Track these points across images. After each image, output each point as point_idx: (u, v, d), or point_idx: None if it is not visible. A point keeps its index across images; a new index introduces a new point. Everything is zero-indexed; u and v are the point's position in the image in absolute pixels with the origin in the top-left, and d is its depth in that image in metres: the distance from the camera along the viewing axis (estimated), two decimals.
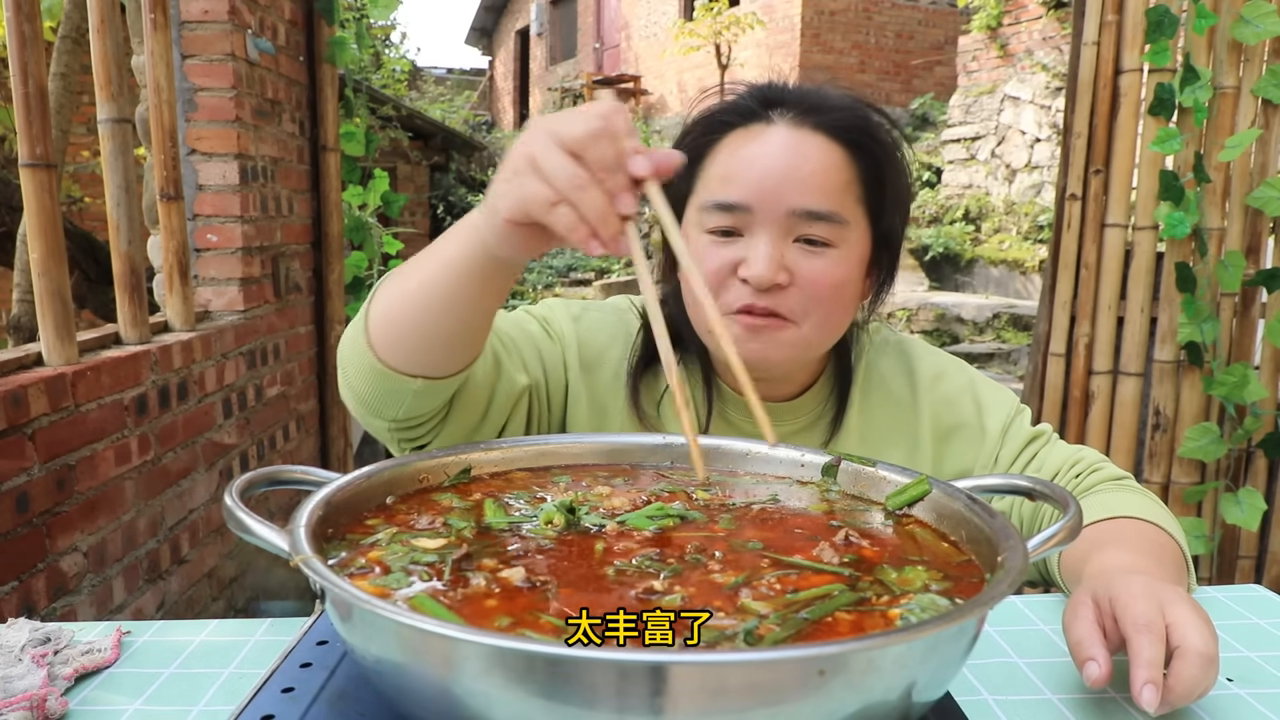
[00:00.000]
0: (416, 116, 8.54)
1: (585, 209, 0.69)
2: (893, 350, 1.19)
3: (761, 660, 0.51)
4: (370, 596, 0.56)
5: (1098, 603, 0.78)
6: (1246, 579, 2.58)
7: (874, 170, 1.03)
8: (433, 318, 0.87)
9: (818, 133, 1.00)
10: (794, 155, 0.99)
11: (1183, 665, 0.70)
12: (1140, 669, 0.70)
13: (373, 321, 0.91)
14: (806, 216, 0.98)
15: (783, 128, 1.01)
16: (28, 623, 0.87)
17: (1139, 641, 0.72)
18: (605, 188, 0.69)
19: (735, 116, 1.04)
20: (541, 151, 0.70)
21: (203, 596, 2.62)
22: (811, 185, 0.98)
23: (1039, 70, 8.90)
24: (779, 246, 0.98)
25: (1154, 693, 0.69)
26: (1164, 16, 2.42)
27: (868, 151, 1.02)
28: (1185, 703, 0.71)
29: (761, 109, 1.03)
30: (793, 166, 0.98)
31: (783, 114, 1.02)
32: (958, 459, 1.14)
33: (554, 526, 0.76)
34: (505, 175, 0.73)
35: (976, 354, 7.10)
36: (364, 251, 3.62)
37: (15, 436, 1.74)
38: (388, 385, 0.91)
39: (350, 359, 0.94)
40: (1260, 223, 2.44)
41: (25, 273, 2.51)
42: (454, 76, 19.31)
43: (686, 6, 14.02)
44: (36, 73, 1.87)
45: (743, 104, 1.04)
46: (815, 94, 1.04)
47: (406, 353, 0.89)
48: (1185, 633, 0.72)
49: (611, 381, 1.13)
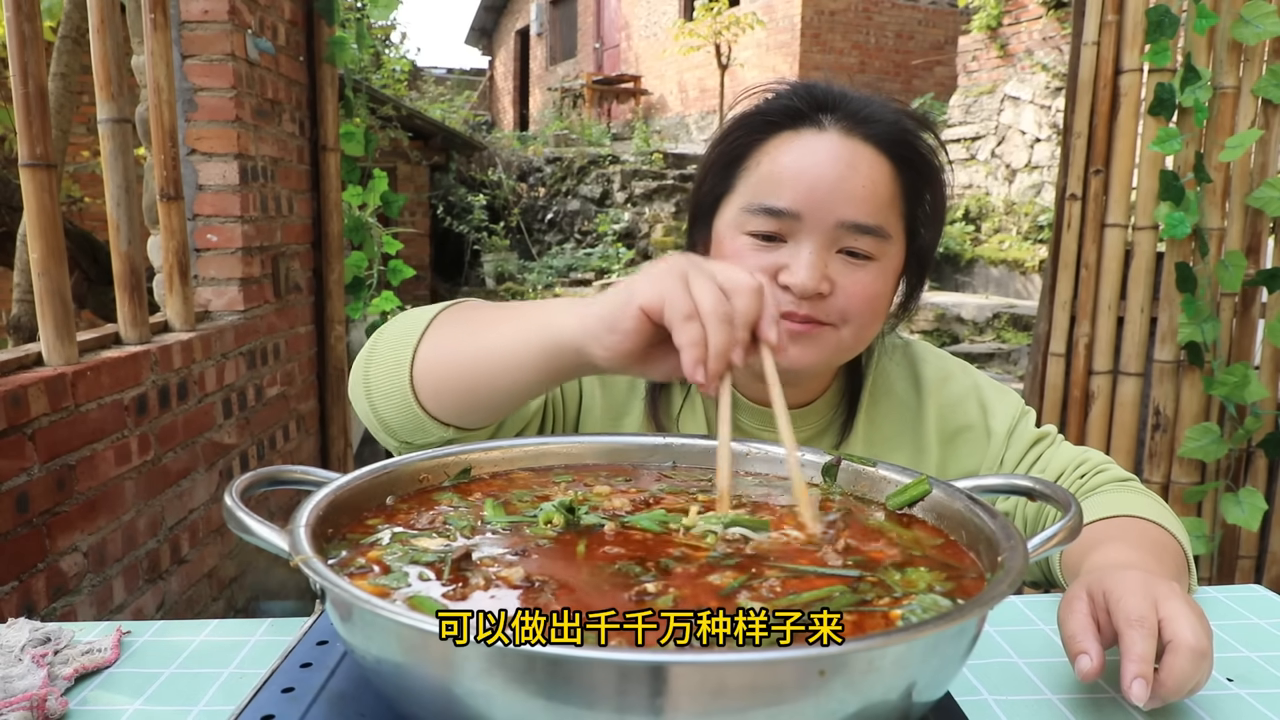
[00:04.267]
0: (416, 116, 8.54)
1: (713, 336, 0.71)
2: (899, 354, 1.19)
3: (761, 660, 0.51)
4: (370, 596, 0.56)
5: (1092, 597, 0.78)
6: (1246, 579, 2.58)
7: (918, 185, 1.03)
8: (489, 382, 0.87)
9: (868, 144, 1.00)
10: (845, 167, 0.98)
11: (1174, 660, 0.71)
12: (1131, 663, 0.70)
13: (422, 367, 0.89)
14: (853, 229, 0.98)
15: (835, 135, 0.99)
16: (28, 623, 0.87)
17: (1130, 636, 0.72)
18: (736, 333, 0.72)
19: (784, 118, 1.02)
20: (697, 276, 0.73)
21: (203, 596, 2.62)
22: (861, 198, 0.98)
23: (1039, 70, 8.90)
24: (823, 256, 0.98)
25: (1143, 687, 0.69)
26: (1164, 16, 2.42)
27: (914, 167, 1.03)
28: (1176, 698, 0.71)
29: (812, 112, 1.01)
30: (844, 178, 0.97)
31: (834, 120, 1.00)
32: (963, 461, 1.14)
33: (554, 526, 0.76)
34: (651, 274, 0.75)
35: (976, 354, 7.09)
36: (364, 251, 3.62)
37: (15, 436, 1.74)
38: (419, 424, 0.91)
39: (384, 390, 0.92)
40: (1260, 223, 2.44)
41: (25, 273, 2.50)
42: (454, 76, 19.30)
43: (686, 6, 14.02)
44: (36, 73, 1.87)
45: (792, 105, 1.02)
46: (865, 102, 1.02)
47: (449, 406, 0.89)
48: (1177, 628, 0.72)
49: (627, 392, 1.13)
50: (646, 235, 10.31)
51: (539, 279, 9.62)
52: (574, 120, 14.08)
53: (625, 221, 10.46)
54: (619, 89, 15.21)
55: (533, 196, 10.99)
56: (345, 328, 3.63)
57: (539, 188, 11.13)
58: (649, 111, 15.08)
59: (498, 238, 10.11)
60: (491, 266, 9.81)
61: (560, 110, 15.03)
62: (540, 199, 11.02)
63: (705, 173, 1.07)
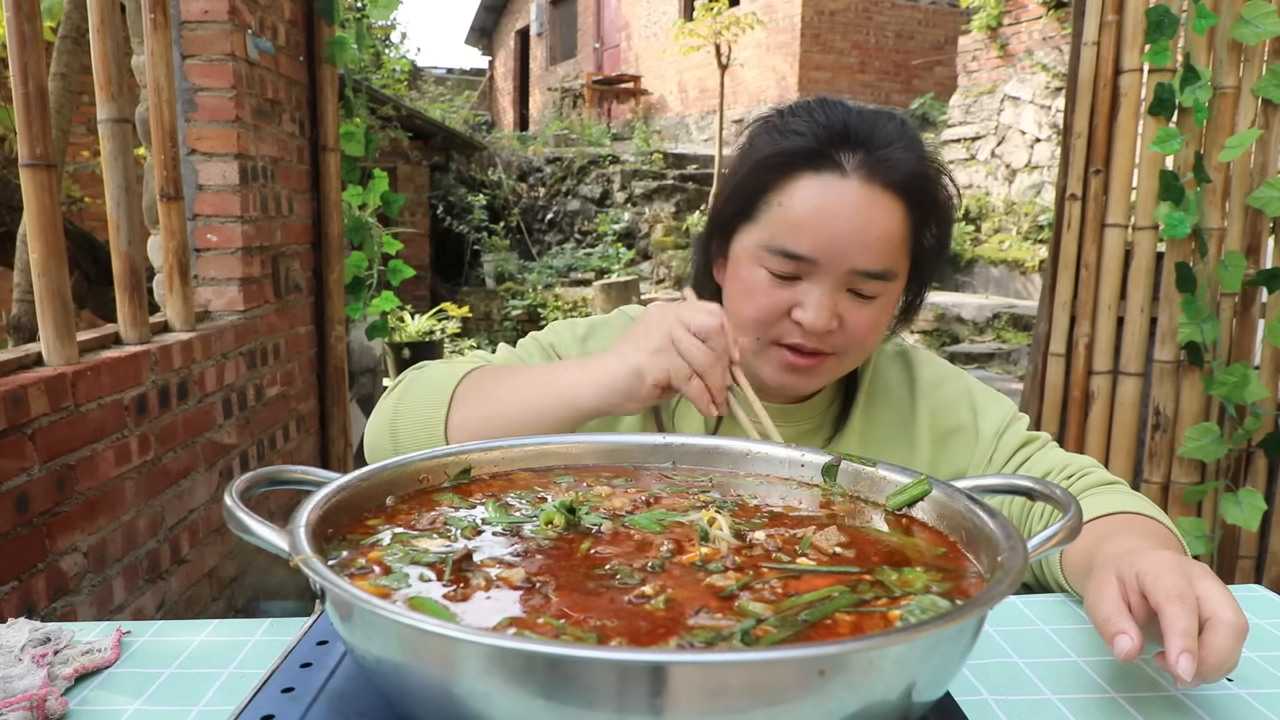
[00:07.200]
0: (416, 116, 8.55)
1: (711, 381, 0.96)
2: (897, 357, 1.24)
3: (761, 660, 0.51)
4: (370, 596, 0.56)
5: (1122, 579, 0.77)
6: (1246, 579, 2.58)
7: (926, 219, 1.08)
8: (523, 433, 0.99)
9: (887, 191, 1.03)
10: (864, 219, 1.02)
11: (1215, 636, 0.69)
12: (1176, 638, 0.69)
13: (456, 423, 1.04)
14: (864, 275, 1.04)
15: (855, 184, 1.02)
16: (28, 623, 0.87)
17: (1172, 612, 0.70)
18: (723, 366, 0.97)
19: (803, 160, 1.04)
20: (681, 336, 0.96)
21: (203, 596, 2.62)
22: (875, 249, 1.03)
23: (1039, 70, 8.90)
24: (834, 298, 1.05)
25: (1190, 661, 0.68)
26: (1164, 16, 2.42)
27: (923, 205, 1.07)
28: (1217, 676, 0.70)
29: (833, 151, 1.03)
30: (861, 230, 1.02)
31: (855, 165, 1.03)
32: (953, 461, 1.18)
33: (554, 527, 0.76)
34: (648, 349, 0.97)
35: (976, 354, 7.09)
36: (364, 251, 3.62)
37: (15, 436, 1.74)
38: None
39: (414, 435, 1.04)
40: (1260, 223, 2.44)
41: (25, 273, 2.50)
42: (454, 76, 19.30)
43: (686, 6, 14.01)
44: (36, 73, 1.87)
45: (812, 147, 1.04)
46: (883, 140, 1.04)
47: None
48: (1216, 605, 0.71)
49: None
50: (646, 235, 10.31)
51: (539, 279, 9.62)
52: (574, 120, 14.09)
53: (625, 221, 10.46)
54: (619, 89, 15.22)
55: (533, 196, 11.00)
56: (345, 328, 3.64)
57: (539, 188, 11.14)
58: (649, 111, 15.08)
59: (498, 238, 10.11)
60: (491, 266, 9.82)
61: (560, 110, 15.04)
62: (540, 199, 11.03)
63: (727, 193, 1.12)
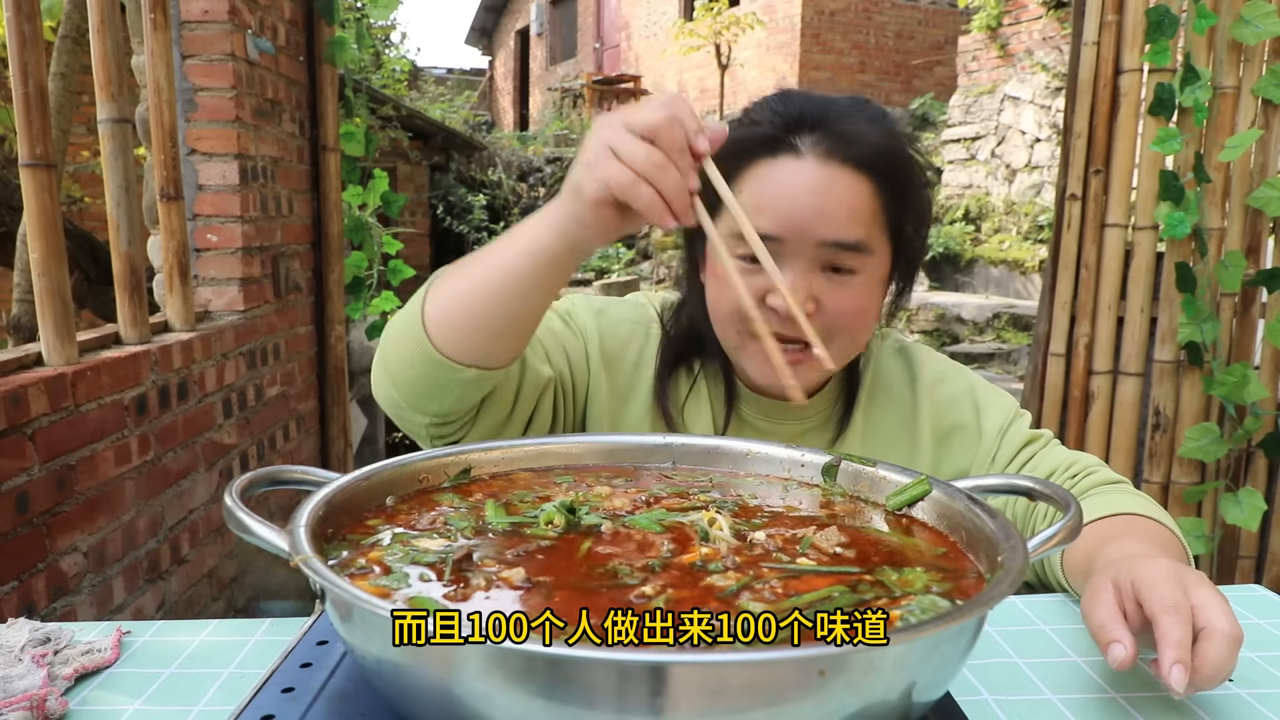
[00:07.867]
0: (416, 116, 8.54)
1: (663, 186, 0.77)
2: (898, 355, 1.23)
3: (761, 660, 0.51)
4: (370, 596, 0.56)
5: (1118, 586, 0.77)
6: (1246, 579, 2.58)
7: (898, 194, 1.05)
8: (501, 304, 0.91)
9: (846, 166, 1.01)
10: (823, 193, 1.00)
11: (1209, 646, 0.69)
12: (1169, 649, 0.69)
13: (432, 312, 0.94)
14: (835, 247, 1.01)
15: (811, 162, 1.01)
16: (28, 623, 0.87)
17: (1166, 622, 0.70)
18: (678, 167, 0.78)
19: (760, 147, 1.03)
20: (619, 138, 0.78)
21: (203, 596, 2.62)
22: (840, 218, 1.00)
23: (1039, 70, 8.90)
24: (807, 277, 1.01)
25: (1182, 673, 0.68)
26: (1164, 16, 2.41)
27: (895, 180, 1.04)
28: (1211, 685, 0.70)
29: (788, 136, 1.02)
30: (822, 203, 1.00)
31: (810, 144, 1.01)
32: (955, 460, 1.16)
33: (554, 527, 0.76)
34: (586, 162, 0.81)
35: (976, 354, 7.09)
36: (364, 251, 3.61)
37: (15, 436, 1.74)
38: (441, 376, 0.94)
39: (400, 352, 0.96)
40: (1260, 223, 2.44)
41: (25, 273, 2.50)
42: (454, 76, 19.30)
43: (686, 6, 14.02)
44: (36, 73, 1.87)
45: (768, 134, 1.03)
46: (840, 118, 1.02)
47: (466, 340, 0.92)
48: (1211, 614, 0.71)
49: (631, 374, 1.16)
50: (646, 235, 10.31)
51: None
52: (574, 120, 14.08)
53: None
54: (619, 89, 15.21)
55: (533, 196, 11.00)
56: (345, 328, 3.64)
57: (539, 188, 11.13)
58: None
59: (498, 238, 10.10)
60: None
61: (560, 110, 15.04)
62: (540, 199, 11.02)
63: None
